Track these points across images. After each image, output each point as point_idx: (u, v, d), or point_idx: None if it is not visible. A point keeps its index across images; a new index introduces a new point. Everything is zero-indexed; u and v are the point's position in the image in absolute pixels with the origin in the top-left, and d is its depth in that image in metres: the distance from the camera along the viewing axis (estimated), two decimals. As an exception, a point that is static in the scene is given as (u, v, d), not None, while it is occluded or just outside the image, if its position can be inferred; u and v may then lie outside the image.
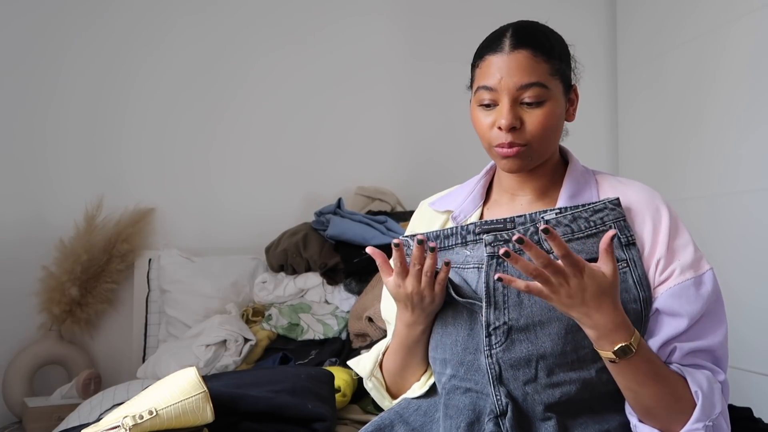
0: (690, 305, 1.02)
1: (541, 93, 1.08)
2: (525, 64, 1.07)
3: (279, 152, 2.76)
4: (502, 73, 1.08)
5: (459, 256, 1.12)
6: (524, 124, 1.08)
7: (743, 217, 2.35)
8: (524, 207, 1.17)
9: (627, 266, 1.04)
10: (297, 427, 1.29)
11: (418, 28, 2.92)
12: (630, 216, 1.09)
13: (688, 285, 1.03)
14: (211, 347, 2.07)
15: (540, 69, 1.08)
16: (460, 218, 1.20)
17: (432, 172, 2.84)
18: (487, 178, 1.25)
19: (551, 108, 1.09)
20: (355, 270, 2.29)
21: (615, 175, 1.19)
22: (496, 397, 1.05)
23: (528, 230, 1.07)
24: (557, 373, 1.03)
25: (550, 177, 1.17)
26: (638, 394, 0.99)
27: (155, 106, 2.64)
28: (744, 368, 2.30)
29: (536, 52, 1.08)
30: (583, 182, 1.15)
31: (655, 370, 0.98)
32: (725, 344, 1.06)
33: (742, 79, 2.38)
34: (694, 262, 1.05)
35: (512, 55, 1.08)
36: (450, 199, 1.25)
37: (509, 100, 1.07)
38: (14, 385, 2.31)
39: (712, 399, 0.99)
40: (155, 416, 1.07)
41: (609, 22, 3.13)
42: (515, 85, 1.07)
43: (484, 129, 1.11)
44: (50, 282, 2.38)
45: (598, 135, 3.11)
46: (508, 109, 1.07)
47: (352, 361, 1.30)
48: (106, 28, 2.59)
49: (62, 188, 2.52)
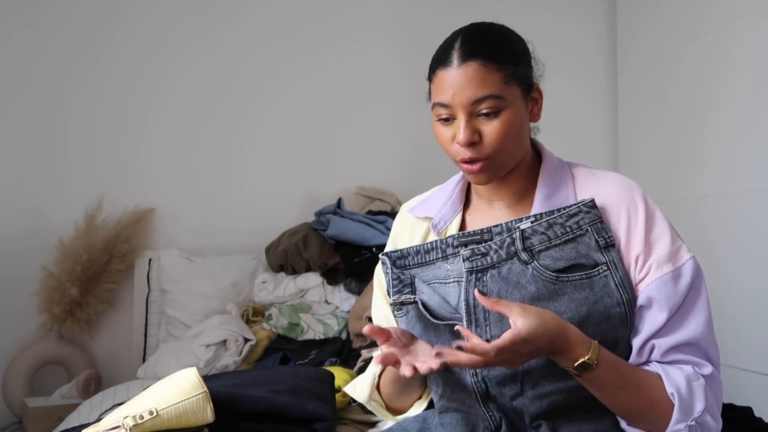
0: (669, 300, 1.01)
1: (496, 104, 1.04)
2: (475, 76, 1.03)
3: (279, 152, 2.76)
4: (454, 89, 1.04)
5: (441, 271, 1.10)
6: (483, 137, 1.05)
7: (743, 216, 2.35)
8: (503, 212, 1.14)
9: (608, 269, 1.02)
10: (297, 427, 1.29)
11: (417, 28, 2.91)
12: (606, 212, 1.06)
13: (666, 280, 1.01)
14: (211, 347, 2.07)
15: (492, 79, 1.03)
16: (440, 226, 1.17)
17: (432, 172, 2.82)
18: (465, 181, 1.22)
19: (509, 116, 1.05)
20: (355, 270, 2.29)
21: (591, 168, 1.16)
22: (488, 413, 1.05)
23: (504, 241, 1.05)
24: (543, 384, 1.02)
25: (525, 179, 1.14)
26: (611, 402, 0.99)
27: (155, 107, 2.64)
28: (744, 368, 2.30)
29: (486, 61, 1.04)
30: (559, 179, 1.12)
31: (623, 380, 0.97)
32: (709, 333, 1.03)
33: (743, 79, 2.38)
34: (671, 254, 1.03)
35: (461, 69, 1.04)
36: (429, 204, 1.22)
37: (464, 115, 1.04)
38: (14, 385, 2.31)
39: (691, 399, 0.98)
40: (155, 416, 1.07)
41: (609, 23, 3.13)
42: (468, 100, 1.04)
43: (446, 144, 1.09)
44: (50, 282, 2.38)
45: (598, 135, 3.11)
46: (464, 125, 1.04)
47: (348, 387, 1.26)
48: (109, 32, 2.59)
49: (62, 188, 2.52)
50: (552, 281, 1.01)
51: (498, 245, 1.05)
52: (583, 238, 1.04)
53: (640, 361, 1.03)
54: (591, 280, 1.02)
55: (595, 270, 1.02)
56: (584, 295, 1.01)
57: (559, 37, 3.00)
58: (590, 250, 1.03)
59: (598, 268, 1.02)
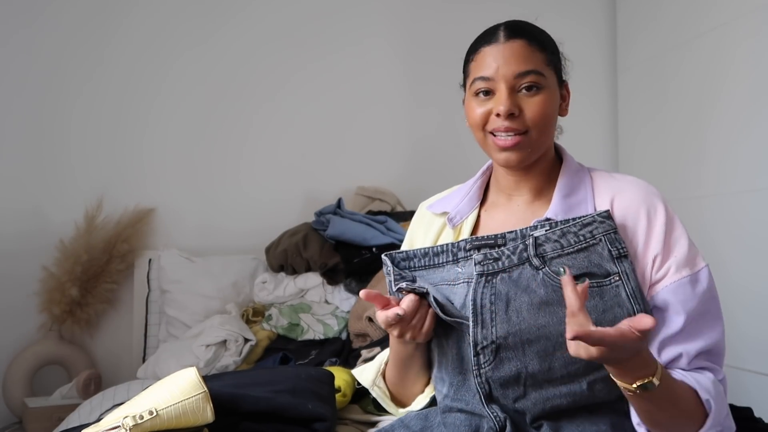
0: (687, 304, 1.02)
1: (538, 80, 1.08)
2: (521, 52, 1.08)
3: (279, 152, 2.76)
4: (499, 62, 1.08)
5: (450, 273, 1.11)
6: (523, 112, 1.07)
7: (744, 216, 2.35)
8: (521, 208, 1.16)
9: (619, 279, 1.02)
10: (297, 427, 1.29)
11: (418, 28, 2.92)
12: (625, 211, 1.07)
13: (684, 283, 1.03)
14: (211, 347, 2.07)
15: (535, 58, 1.08)
16: (456, 219, 1.19)
17: (432, 172, 2.84)
18: (484, 179, 1.24)
19: (548, 96, 1.09)
20: (355, 270, 2.29)
21: (611, 172, 1.18)
22: (492, 414, 1.05)
23: (518, 247, 1.05)
24: (546, 388, 1.02)
25: (546, 176, 1.16)
26: (653, 415, 0.98)
27: (155, 107, 2.64)
28: (744, 368, 2.30)
29: (531, 42, 1.09)
30: (578, 180, 1.14)
31: (672, 396, 0.96)
32: (723, 341, 1.05)
33: (743, 79, 2.38)
34: (689, 259, 1.05)
35: (508, 44, 1.08)
36: (447, 201, 1.24)
37: (507, 87, 1.07)
38: (14, 386, 2.31)
39: (721, 404, 0.99)
40: (155, 416, 1.07)
41: (609, 22, 3.13)
42: (513, 73, 1.07)
43: (480, 118, 1.10)
44: (50, 282, 2.38)
45: (598, 135, 3.11)
46: (507, 95, 1.06)
47: (356, 370, 1.29)
48: (109, 32, 2.59)
49: (62, 188, 2.52)
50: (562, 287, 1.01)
51: (511, 251, 1.06)
52: (596, 247, 1.04)
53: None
54: (602, 289, 1.02)
55: (606, 280, 1.02)
56: (593, 303, 1.01)
57: (559, 37, 3.00)
58: (602, 259, 1.03)
59: (609, 278, 1.02)
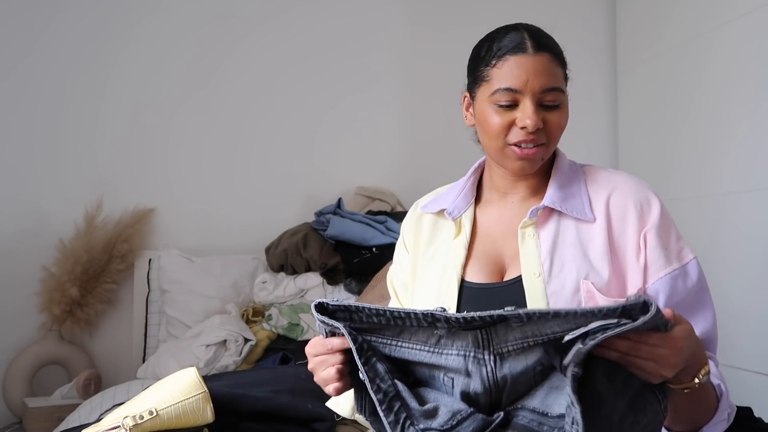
0: (677, 296, 1.04)
1: (560, 97, 1.10)
2: (549, 67, 1.09)
3: (279, 152, 2.75)
4: (529, 75, 1.07)
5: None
6: (545, 125, 1.09)
7: (744, 216, 2.35)
8: (515, 204, 1.18)
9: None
10: (297, 427, 1.29)
11: (418, 28, 2.91)
12: (619, 200, 1.09)
13: (675, 275, 1.05)
14: (211, 347, 2.07)
15: (558, 74, 1.10)
16: (454, 214, 1.20)
17: (432, 172, 2.83)
18: (476, 176, 1.25)
19: (565, 110, 1.12)
20: (355, 270, 2.29)
21: (601, 167, 1.20)
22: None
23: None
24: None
25: (542, 174, 1.18)
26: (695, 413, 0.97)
27: (155, 107, 2.64)
28: (744, 368, 2.30)
29: (554, 57, 1.10)
30: (571, 173, 1.16)
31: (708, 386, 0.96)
32: (715, 330, 1.08)
33: (743, 79, 2.38)
34: (678, 252, 1.07)
35: (537, 57, 1.08)
36: (442, 200, 1.25)
37: (534, 102, 1.08)
38: (14, 386, 2.31)
39: (726, 387, 1.01)
40: (155, 416, 1.07)
41: (609, 22, 3.13)
42: (541, 88, 1.08)
43: (501, 129, 1.10)
44: (50, 282, 2.38)
45: (598, 135, 3.11)
46: (534, 110, 1.07)
47: (330, 402, 1.21)
48: (109, 33, 2.59)
49: (62, 189, 2.52)
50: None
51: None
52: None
53: None
54: None
55: None
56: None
57: (559, 37, 2.99)
58: None
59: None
